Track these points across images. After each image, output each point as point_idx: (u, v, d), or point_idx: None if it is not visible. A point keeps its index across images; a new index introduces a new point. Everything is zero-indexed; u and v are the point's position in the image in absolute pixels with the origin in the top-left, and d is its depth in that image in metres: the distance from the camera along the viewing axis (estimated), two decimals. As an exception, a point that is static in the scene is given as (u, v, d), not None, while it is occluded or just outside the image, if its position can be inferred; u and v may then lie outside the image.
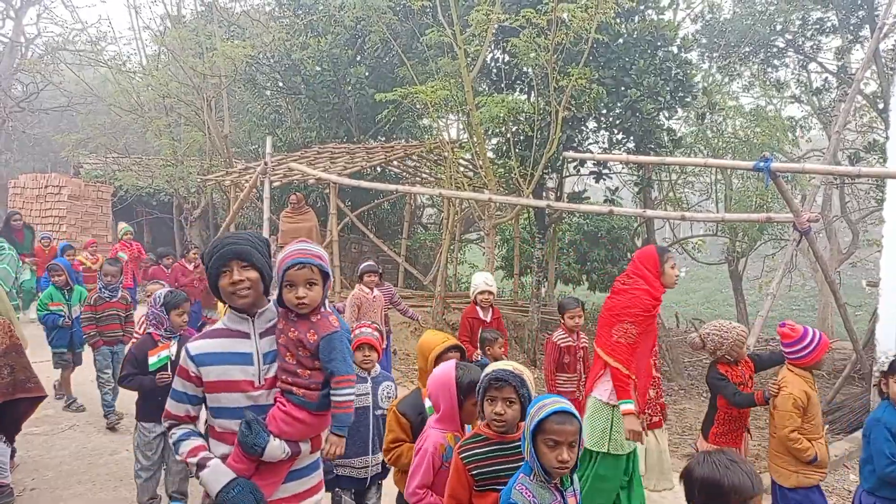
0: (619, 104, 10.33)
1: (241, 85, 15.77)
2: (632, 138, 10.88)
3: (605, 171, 11.62)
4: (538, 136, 9.75)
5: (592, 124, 11.55)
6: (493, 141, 11.75)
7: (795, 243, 6.30)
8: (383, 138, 15.64)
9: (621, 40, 10.40)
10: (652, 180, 13.31)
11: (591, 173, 11.72)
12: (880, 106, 13.53)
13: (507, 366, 2.60)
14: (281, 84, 15.35)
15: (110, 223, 16.07)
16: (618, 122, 10.74)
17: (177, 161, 15.25)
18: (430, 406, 3.03)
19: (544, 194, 12.40)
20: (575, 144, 11.04)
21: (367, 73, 14.20)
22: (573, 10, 8.78)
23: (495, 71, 11.53)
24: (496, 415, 2.48)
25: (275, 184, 11.26)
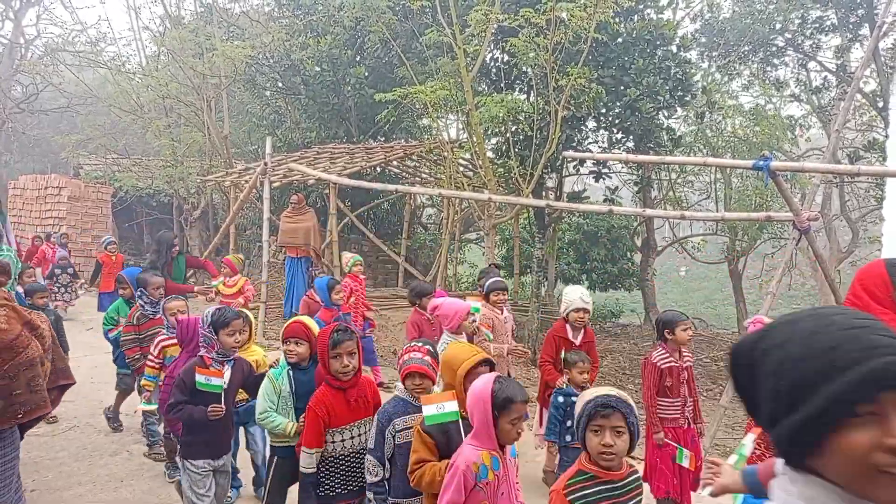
0: (618, 103, 10.33)
1: (241, 85, 15.78)
2: (631, 137, 10.89)
3: (605, 170, 11.62)
4: (537, 136, 9.76)
5: (592, 124, 11.56)
6: (493, 141, 11.76)
7: (795, 242, 6.29)
8: (383, 138, 15.65)
9: (620, 39, 10.41)
10: (651, 179, 13.33)
11: (590, 173, 11.73)
12: (880, 104, 13.53)
13: (609, 391, 2.32)
14: (280, 84, 15.36)
15: (110, 224, 16.09)
16: (617, 121, 10.74)
17: (177, 162, 15.26)
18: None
19: (544, 194, 12.40)
20: (574, 144, 11.04)
21: (366, 74, 14.21)
22: (572, 9, 8.78)
23: (494, 71, 11.53)
24: (604, 446, 2.23)
25: (275, 184, 11.26)
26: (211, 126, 14.40)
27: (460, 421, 2.81)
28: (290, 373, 3.56)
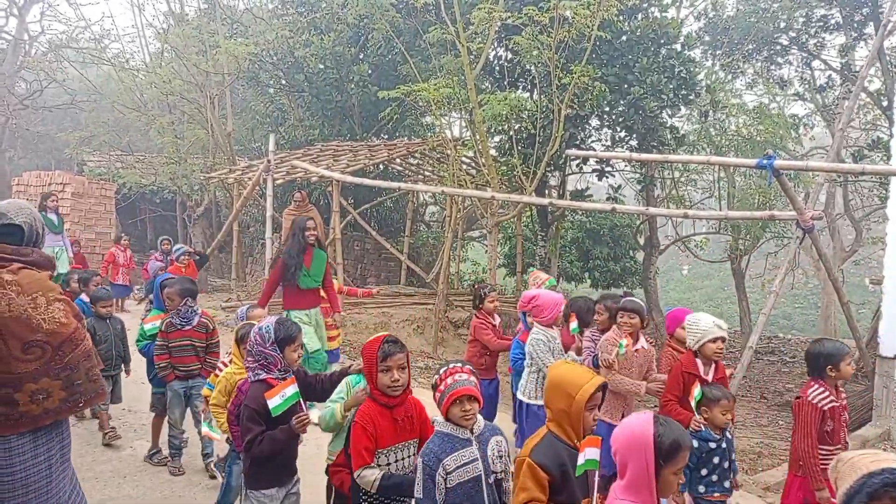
0: (622, 102, 10.33)
1: (245, 83, 15.80)
2: (635, 136, 10.88)
3: (608, 168, 11.62)
4: (541, 134, 9.75)
5: (595, 122, 11.56)
6: (496, 139, 11.76)
7: (798, 241, 6.30)
8: (386, 136, 15.65)
9: (624, 38, 10.40)
10: (655, 178, 13.31)
11: (593, 171, 11.73)
12: (884, 103, 13.50)
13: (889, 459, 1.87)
14: (284, 82, 15.36)
15: (114, 221, 16.12)
16: (621, 119, 10.74)
17: (180, 159, 15.28)
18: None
19: (547, 192, 12.40)
20: (578, 142, 11.04)
21: (370, 71, 14.21)
22: (576, 7, 8.77)
23: (498, 68, 11.53)
24: None
25: (278, 181, 11.28)
26: (214, 123, 14.41)
27: (577, 454, 2.44)
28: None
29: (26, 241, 2.65)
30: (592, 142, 11.92)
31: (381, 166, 13.74)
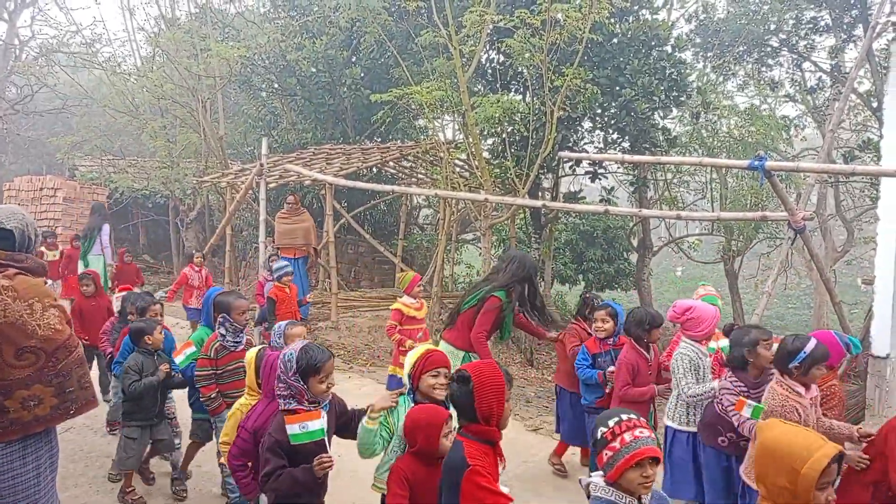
0: (613, 104, 10.36)
1: (237, 86, 15.75)
2: (627, 138, 10.91)
3: (601, 170, 11.65)
4: (533, 137, 9.77)
5: (588, 124, 11.59)
6: (489, 141, 11.77)
7: (790, 242, 6.32)
8: (379, 139, 15.64)
9: (616, 40, 10.43)
10: (647, 180, 13.36)
11: (586, 173, 11.75)
12: (874, 104, 13.60)
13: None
14: (276, 85, 15.33)
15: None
16: (613, 121, 10.77)
17: (172, 163, 15.23)
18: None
19: (540, 194, 12.42)
20: (570, 144, 11.06)
21: (362, 74, 14.20)
22: (567, 10, 8.79)
23: (490, 71, 11.54)
24: None
25: (271, 185, 11.25)
26: (206, 127, 14.37)
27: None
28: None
29: (18, 246, 2.63)
30: (585, 144, 11.95)
31: (374, 169, 13.72)
